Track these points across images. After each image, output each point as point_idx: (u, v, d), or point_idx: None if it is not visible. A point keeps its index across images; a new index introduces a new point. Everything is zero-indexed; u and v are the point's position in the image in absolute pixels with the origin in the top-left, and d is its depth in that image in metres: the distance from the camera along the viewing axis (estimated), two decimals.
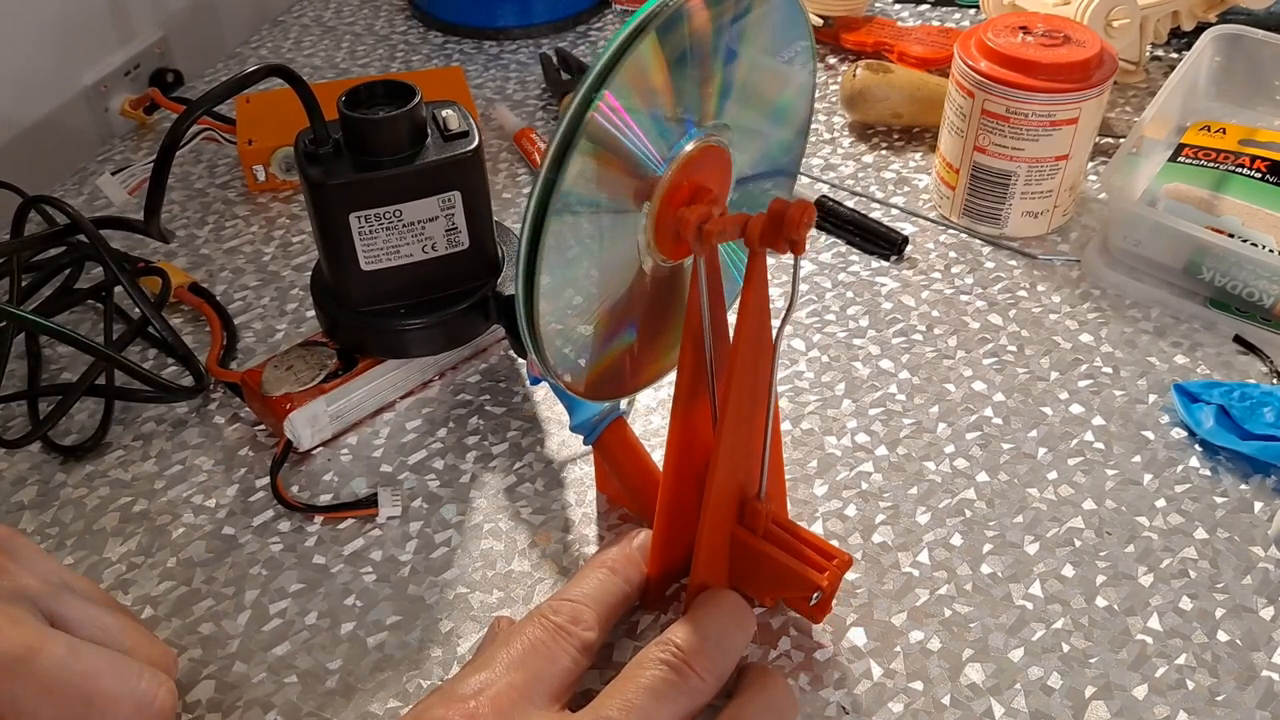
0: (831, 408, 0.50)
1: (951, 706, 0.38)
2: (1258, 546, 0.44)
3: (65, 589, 0.37)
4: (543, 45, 0.80)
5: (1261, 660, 0.40)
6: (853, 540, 0.44)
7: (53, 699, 0.33)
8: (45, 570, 0.37)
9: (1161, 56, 0.76)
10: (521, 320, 0.33)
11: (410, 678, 0.40)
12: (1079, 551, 0.44)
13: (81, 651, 0.34)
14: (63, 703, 0.34)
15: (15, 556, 0.37)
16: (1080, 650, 0.40)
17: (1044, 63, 0.54)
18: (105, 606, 0.38)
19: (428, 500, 0.46)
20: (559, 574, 0.43)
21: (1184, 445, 0.48)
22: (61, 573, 0.38)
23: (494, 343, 0.54)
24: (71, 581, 0.38)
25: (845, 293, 0.57)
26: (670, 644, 0.36)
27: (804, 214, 0.32)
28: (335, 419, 0.49)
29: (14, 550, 0.37)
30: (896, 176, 0.66)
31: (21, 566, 0.36)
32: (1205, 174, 0.60)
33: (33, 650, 0.33)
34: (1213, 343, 0.53)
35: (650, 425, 0.50)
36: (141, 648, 0.37)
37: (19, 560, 0.37)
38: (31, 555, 0.37)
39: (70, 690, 0.34)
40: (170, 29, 0.79)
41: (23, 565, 0.36)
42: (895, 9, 0.83)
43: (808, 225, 0.32)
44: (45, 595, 0.36)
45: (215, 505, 0.47)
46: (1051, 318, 0.55)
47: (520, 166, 0.67)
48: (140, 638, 0.37)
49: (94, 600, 0.38)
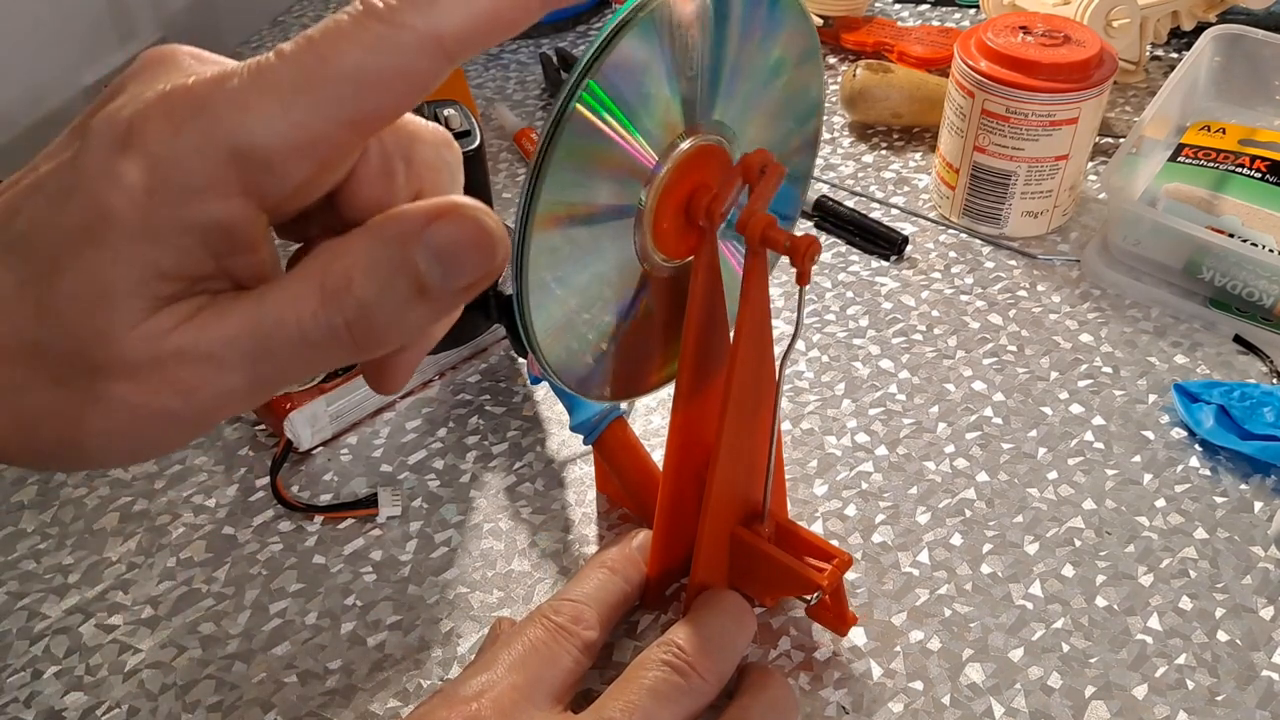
0: (831, 408, 0.50)
1: (951, 706, 0.38)
2: (1258, 546, 0.44)
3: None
4: (543, 45, 0.80)
5: (1261, 660, 0.40)
6: (853, 540, 0.44)
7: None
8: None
9: (1161, 56, 0.76)
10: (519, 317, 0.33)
11: (410, 678, 0.40)
12: (1079, 551, 0.44)
13: None
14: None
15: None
16: (1080, 650, 0.40)
17: (1044, 63, 0.54)
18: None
19: (428, 500, 0.46)
20: (559, 574, 0.43)
21: (1184, 445, 0.48)
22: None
23: (494, 342, 0.54)
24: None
25: (845, 293, 0.57)
26: (672, 645, 0.36)
27: (810, 248, 0.32)
28: (335, 419, 0.49)
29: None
30: (896, 176, 0.66)
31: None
32: (1205, 174, 0.60)
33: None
34: (1213, 343, 0.53)
35: (650, 425, 0.50)
36: None
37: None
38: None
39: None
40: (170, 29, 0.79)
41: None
42: (895, 9, 0.83)
43: (813, 259, 0.32)
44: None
45: (215, 505, 0.47)
46: (1051, 318, 0.55)
47: (520, 166, 0.67)
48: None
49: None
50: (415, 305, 0.23)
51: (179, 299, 0.21)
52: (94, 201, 0.21)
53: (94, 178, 0.21)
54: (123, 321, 0.21)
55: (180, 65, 0.23)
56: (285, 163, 0.21)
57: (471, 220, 0.23)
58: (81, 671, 0.40)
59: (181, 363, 0.21)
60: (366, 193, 0.24)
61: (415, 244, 0.22)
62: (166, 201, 0.20)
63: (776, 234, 0.33)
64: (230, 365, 0.22)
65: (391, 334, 0.23)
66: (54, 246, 0.21)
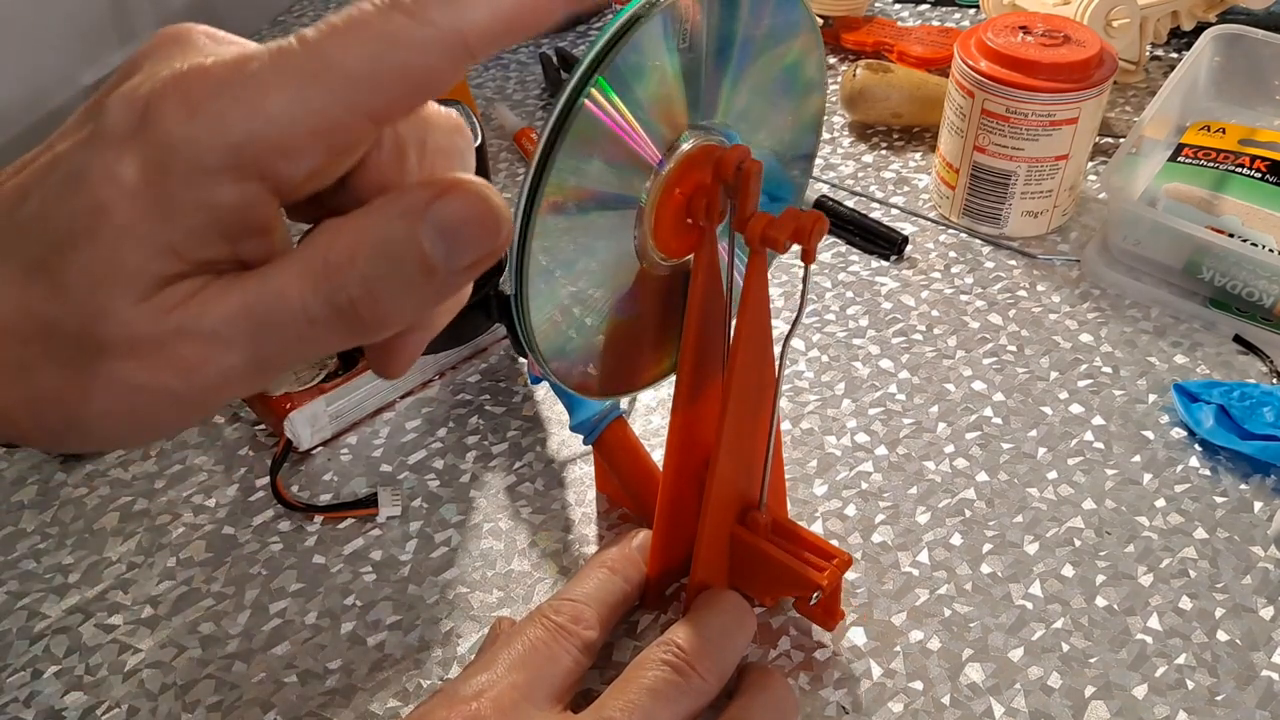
0: (831, 408, 0.50)
1: (951, 706, 0.38)
2: (1257, 546, 0.44)
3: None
4: (543, 45, 0.80)
5: (1261, 660, 0.40)
6: (853, 540, 0.44)
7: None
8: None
9: (1161, 56, 0.76)
10: (516, 313, 0.33)
11: (410, 677, 0.40)
12: (1079, 551, 0.44)
13: None
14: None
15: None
16: (1080, 650, 0.40)
17: (1044, 63, 0.54)
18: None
19: (428, 500, 0.46)
20: (559, 574, 0.43)
21: (1184, 445, 0.48)
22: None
23: (494, 342, 0.54)
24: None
25: (845, 293, 0.57)
26: (672, 644, 0.36)
27: (816, 223, 0.32)
28: (335, 419, 0.49)
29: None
30: (896, 176, 0.66)
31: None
32: (1205, 174, 0.60)
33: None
34: (1213, 343, 0.53)
35: (650, 425, 0.50)
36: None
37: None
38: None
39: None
40: None
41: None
42: (895, 9, 0.83)
43: (819, 235, 0.32)
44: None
45: (215, 505, 0.47)
46: (1051, 317, 0.55)
47: (520, 166, 0.67)
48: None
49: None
50: (420, 283, 0.22)
51: (185, 278, 0.21)
52: (107, 180, 0.20)
53: (108, 157, 0.20)
54: (126, 299, 0.21)
55: (196, 45, 0.22)
56: (300, 149, 0.21)
57: (476, 195, 0.22)
58: (81, 671, 0.40)
59: (182, 340, 0.21)
60: (378, 177, 0.24)
61: (419, 220, 0.22)
62: (180, 183, 0.20)
63: (776, 234, 0.33)
64: (231, 343, 0.22)
65: (395, 313, 0.23)
66: (65, 227, 0.21)
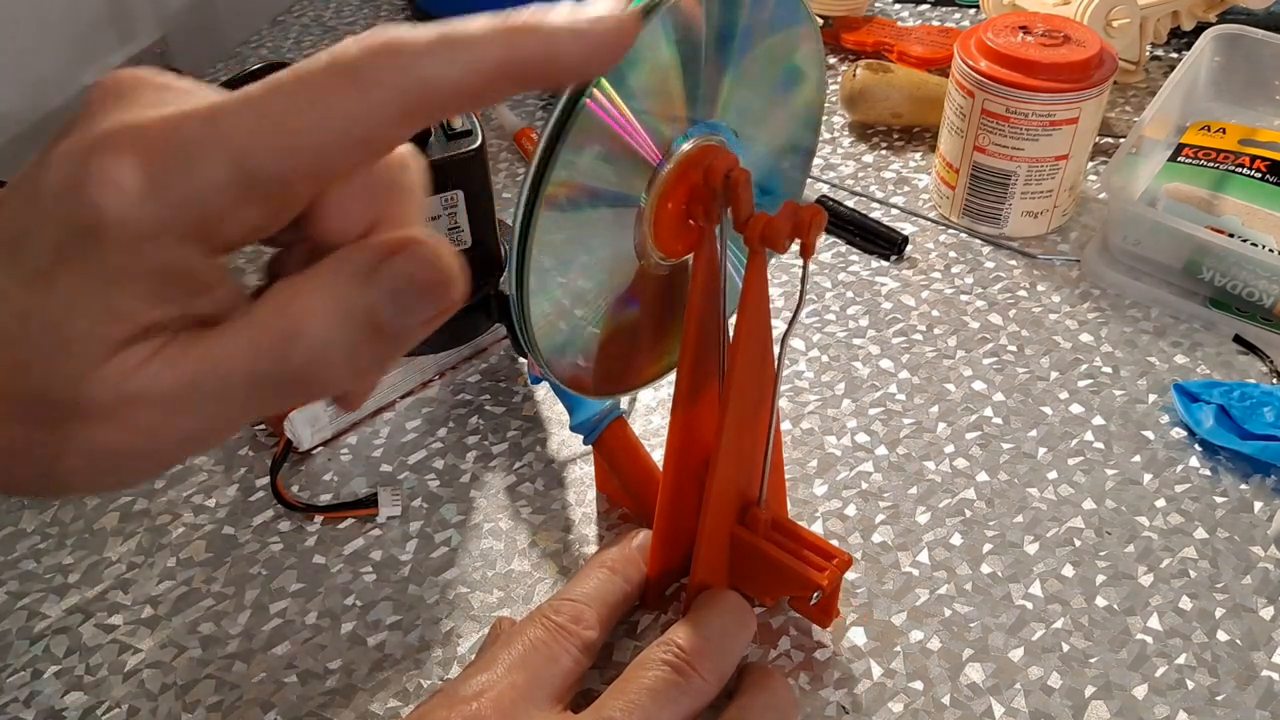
0: (831, 408, 0.50)
1: (951, 706, 0.38)
2: (1258, 546, 0.44)
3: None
4: None
5: (1261, 660, 0.40)
6: (853, 540, 0.44)
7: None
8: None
9: (1161, 56, 0.76)
10: (515, 311, 0.33)
11: (410, 677, 0.40)
12: (1079, 551, 0.44)
13: None
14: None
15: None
16: (1080, 650, 0.40)
17: (1044, 63, 0.54)
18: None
19: (428, 500, 0.46)
20: (559, 574, 0.43)
21: (1184, 445, 0.48)
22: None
23: (494, 342, 0.54)
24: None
25: (845, 292, 0.57)
26: (672, 644, 0.36)
27: (815, 217, 0.32)
28: (335, 419, 0.49)
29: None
30: (896, 176, 0.66)
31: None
32: (1205, 174, 0.60)
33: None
34: (1213, 343, 0.53)
35: (650, 425, 0.50)
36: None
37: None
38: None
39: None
40: (170, 29, 0.79)
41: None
42: (895, 9, 0.83)
43: (818, 229, 0.32)
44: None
45: (215, 505, 0.47)
46: (1051, 317, 0.55)
47: (520, 166, 0.67)
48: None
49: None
50: (370, 343, 0.22)
51: (139, 340, 0.21)
52: (47, 249, 0.20)
53: (46, 225, 0.20)
54: (82, 364, 0.21)
55: (139, 97, 0.22)
56: (237, 212, 0.21)
57: (425, 256, 0.22)
58: (81, 671, 0.40)
59: (141, 406, 0.21)
60: (327, 213, 0.24)
61: (368, 283, 0.22)
62: (115, 248, 0.20)
63: (776, 234, 0.33)
64: (189, 408, 0.22)
65: (346, 375, 0.23)
66: (16, 295, 0.21)
